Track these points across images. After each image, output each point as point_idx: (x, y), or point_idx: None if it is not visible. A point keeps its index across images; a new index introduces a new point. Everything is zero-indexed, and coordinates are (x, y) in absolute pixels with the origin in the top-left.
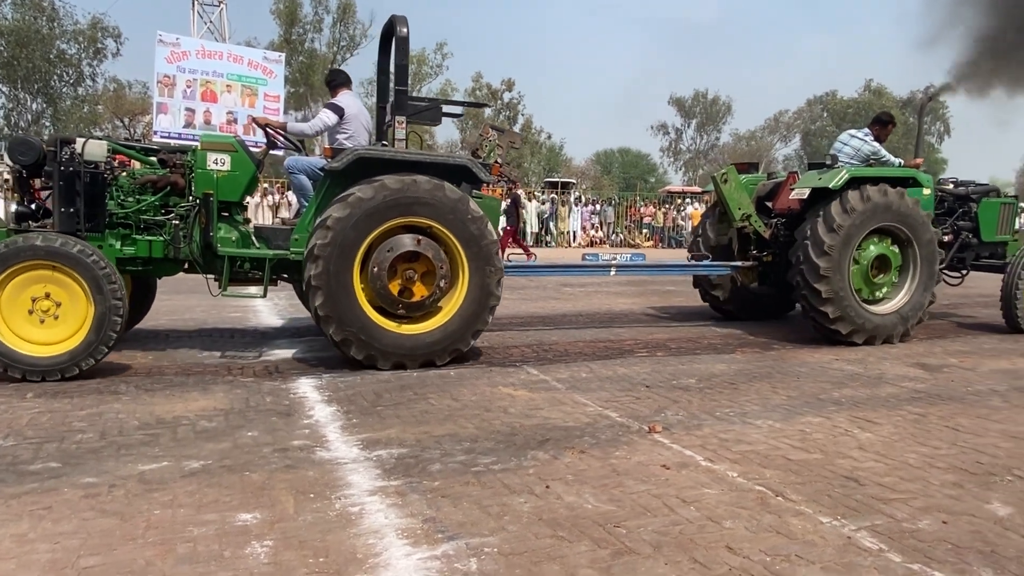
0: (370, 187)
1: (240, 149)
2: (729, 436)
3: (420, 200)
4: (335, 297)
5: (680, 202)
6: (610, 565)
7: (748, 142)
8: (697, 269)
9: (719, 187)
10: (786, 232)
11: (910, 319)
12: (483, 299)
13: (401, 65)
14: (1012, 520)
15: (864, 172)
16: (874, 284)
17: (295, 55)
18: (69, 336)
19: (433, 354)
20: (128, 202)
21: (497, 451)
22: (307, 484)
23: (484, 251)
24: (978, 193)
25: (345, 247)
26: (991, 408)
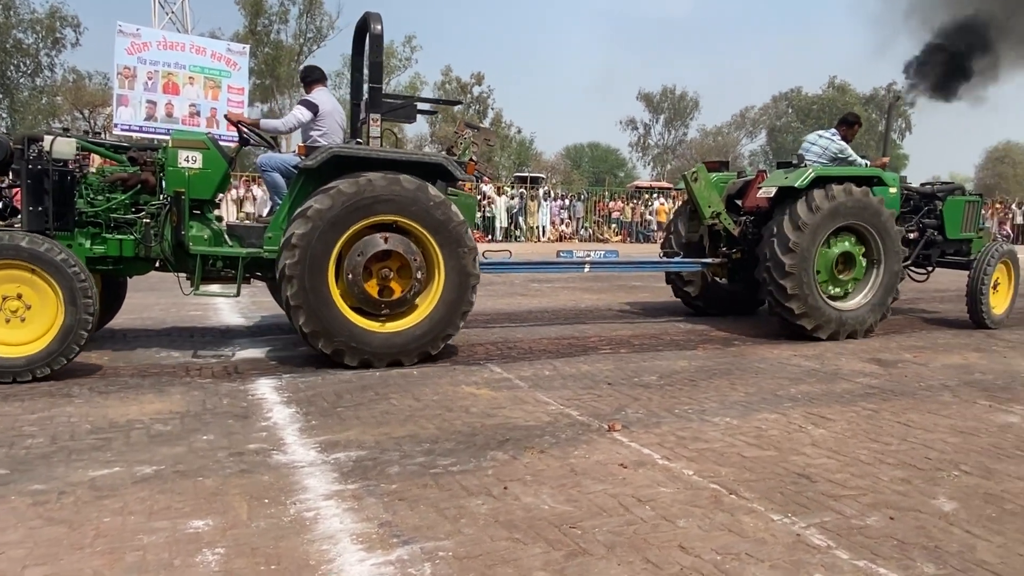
0: (327, 196)
1: (212, 146)
2: (687, 434)
3: (379, 198)
4: (317, 312)
5: (648, 197)
6: (564, 567)
7: (715, 138)
8: (669, 266)
9: (690, 185)
10: (755, 230)
11: (874, 315)
12: (463, 281)
13: (375, 62)
14: (956, 515)
15: (830, 171)
16: (839, 281)
17: (260, 47)
18: (32, 340)
19: (425, 345)
20: (98, 200)
21: (457, 452)
22: (262, 489)
23: (454, 234)
24: (944, 192)
25: (315, 261)
26: (941, 403)
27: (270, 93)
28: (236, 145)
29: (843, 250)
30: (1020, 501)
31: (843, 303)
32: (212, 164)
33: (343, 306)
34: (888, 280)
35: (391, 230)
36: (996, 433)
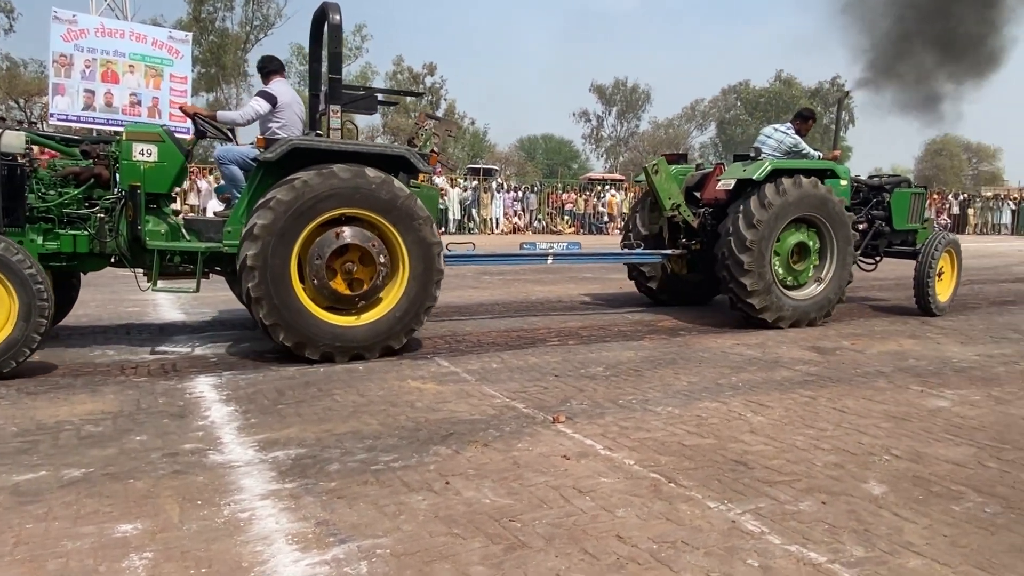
0: (290, 188)
1: (167, 139)
2: (630, 424)
3: (320, 196)
4: (292, 326)
5: (600, 189)
6: (502, 561)
7: (666, 130)
8: (631, 258)
9: (650, 178)
10: (713, 221)
11: (829, 302)
12: (426, 253)
13: (335, 53)
14: (886, 498)
15: (785, 164)
16: (795, 271)
17: (205, 35)
18: None
19: (408, 323)
20: (49, 195)
21: (399, 448)
22: (195, 490)
23: (404, 211)
24: (891, 184)
25: (275, 275)
26: (876, 389)
27: (216, 82)
28: (192, 137)
29: (798, 241)
30: (946, 483)
31: (798, 292)
32: (168, 157)
33: (319, 312)
34: (841, 269)
35: (352, 223)
36: (927, 417)
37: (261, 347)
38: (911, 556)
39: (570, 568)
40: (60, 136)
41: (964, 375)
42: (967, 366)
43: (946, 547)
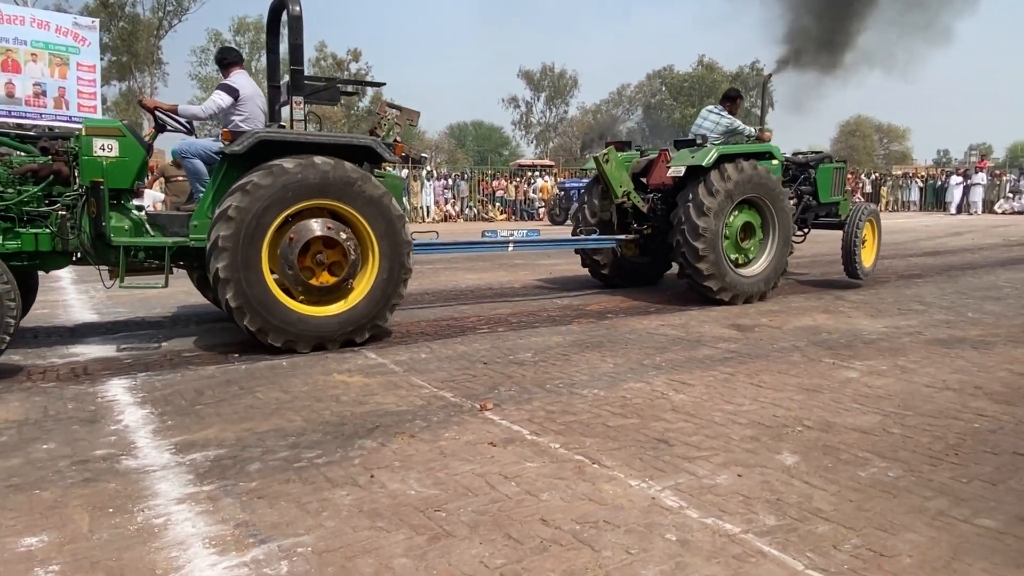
0: (268, 173)
1: (128, 133)
2: (556, 408)
3: (297, 185)
4: (258, 311)
5: (530, 175)
6: (425, 551)
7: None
8: (587, 243)
9: (602, 167)
10: (663, 206)
11: (776, 274)
12: (390, 226)
13: (296, 44)
14: (797, 468)
15: (729, 149)
16: (743, 249)
17: (114, 20)
18: None
19: (389, 300)
20: (8, 193)
21: (323, 443)
22: (107, 498)
23: (374, 202)
24: (815, 160)
25: (246, 258)
26: (791, 363)
27: (128, 71)
28: (151, 132)
29: (744, 221)
30: (853, 451)
31: (747, 269)
32: (129, 152)
33: (273, 285)
34: (782, 244)
35: (321, 214)
36: (837, 388)
37: (180, 346)
38: (820, 522)
39: (494, 554)
40: (15, 133)
41: (873, 346)
42: (876, 338)
43: (852, 511)
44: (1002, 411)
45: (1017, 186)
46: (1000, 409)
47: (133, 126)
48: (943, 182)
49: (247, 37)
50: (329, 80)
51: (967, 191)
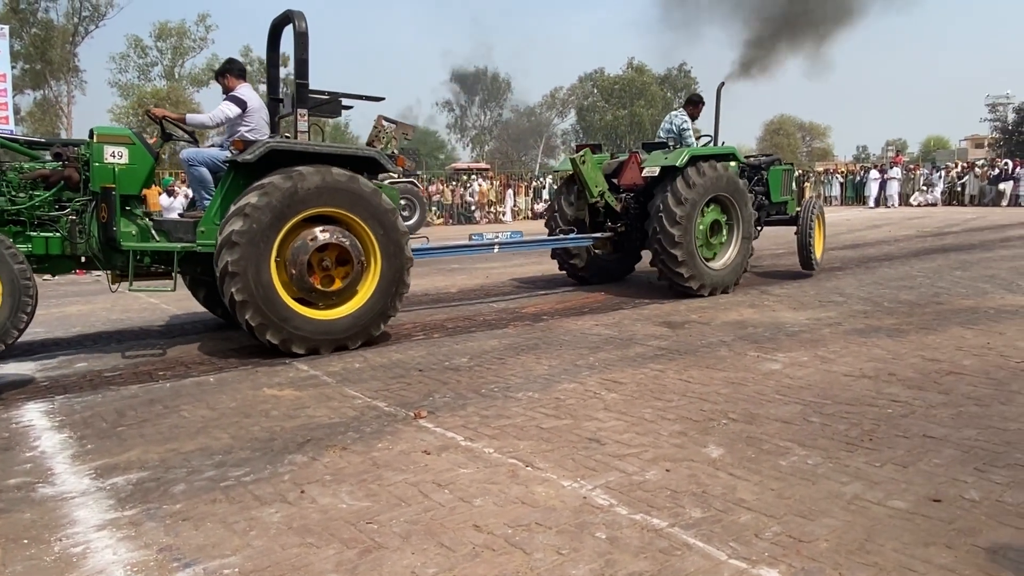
0: (243, 218)
1: (137, 141)
2: (491, 412)
3: (289, 204)
4: (278, 325)
5: (467, 179)
6: (356, 565)
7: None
8: (567, 242)
9: (578, 169)
10: (636, 205)
11: (739, 268)
12: (396, 245)
13: (301, 60)
14: (723, 460)
15: (700, 151)
16: (711, 244)
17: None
18: None
19: (385, 310)
20: (19, 198)
21: (252, 460)
22: (21, 529)
23: (375, 208)
24: (767, 163)
25: (257, 277)
26: (718, 358)
27: (42, 79)
28: (156, 140)
29: (713, 218)
30: (775, 441)
31: (714, 263)
32: (138, 159)
33: (288, 298)
34: (745, 241)
35: (325, 222)
36: (761, 380)
37: (100, 366)
38: (743, 512)
39: (426, 563)
40: (24, 139)
41: (795, 339)
42: (798, 330)
43: (773, 500)
44: (914, 396)
45: (930, 179)
46: (912, 394)
47: (141, 134)
48: (862, 177)
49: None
50: (331, 94)
51: (884, 185)
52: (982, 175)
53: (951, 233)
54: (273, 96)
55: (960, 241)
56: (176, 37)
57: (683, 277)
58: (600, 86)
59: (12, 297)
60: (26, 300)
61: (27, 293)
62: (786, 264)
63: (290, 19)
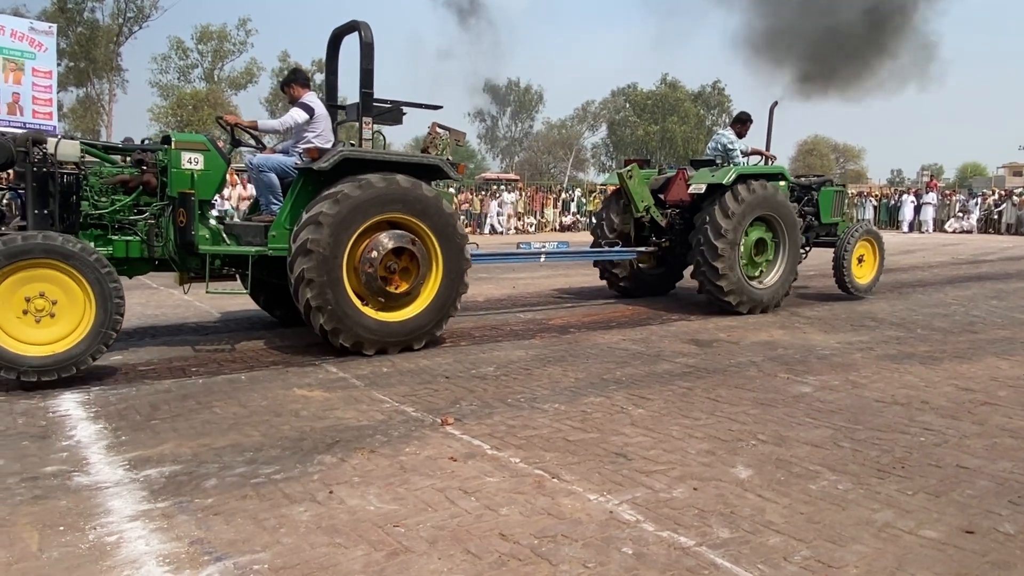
0: (355, 186)
1: (212, 148)
2: (517, 422)
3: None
4: (350, 328)
5: (496, 189)
6: (384, 567)
7: (559, 130)
8: (610, 255)
9: (625, 183)
10: (681, 221)
11: (783, 289)
12: (456, 248)
13: (367, 69)
14: (751, 481)
15: (748, 170)
16: (755, 263)
17: (72, 26)
18: (58, 340)
19: (446, 311)
20: (101, 202)
21: (282, 459)
22: (57, 516)
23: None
24: (817, 184)
25: (331, 282)
26: (747, 378)
27: (86, 77)
28: (225, 145)
29: (759, 237)
30: (805, 464)
31: (757, 283)
32: (212, 165)
33: (358, 302)
34: (791, 261)
35: (390, 227)
36: (791, 403)
37: (135, 359)
38: (771, 534)
39: (452, 569)
40: (102, 144)
41: (826, 362)
42: (829, 353)
43: (803, 524)
44: (947, 425)
45: (966, 206)
46: (945, 423)
47: (215, 141)
48: (896, 201)
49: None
50: (393, 103)
51: (919, 210)
52: (1020, 203)
53: (987, 261)
54: (331, 103)
55: (996, 270)
56: (217, 40)
57: (722, 291)
58: (632, 101)
59: (103, 320)
60: (116, 318)
61: (118, 311)
62: (817, 286)
63: (354, 29)
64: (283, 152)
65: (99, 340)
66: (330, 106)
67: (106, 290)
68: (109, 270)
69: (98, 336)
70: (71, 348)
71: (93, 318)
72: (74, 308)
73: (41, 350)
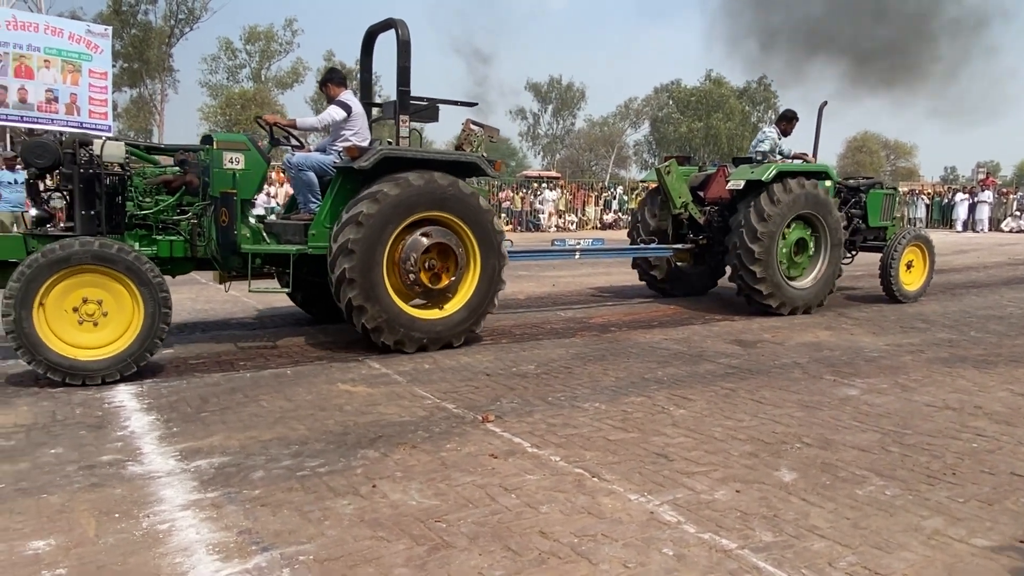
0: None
1: (253, 147)
2: (557, 421)
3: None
4: (392, 326)
5: (537, 187)
6: (425, 562)
7: (601, 128)
8: (647, 251)
9: (663, 179)
10: (719, 219)
11: (824, 290)
12: (493, 245)
13: (403, 67)
14: (795, 485)
15: (788, 167)
16: (795, 263)
17: (126, 28)
18: (114, 340)
19: (484, 308)
20: (146, 203)
21: (326, 453)
22: (113, 503)
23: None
24: (866, 185)
25: (372, 282)
26: (791, 380)
27: (139, 77)
28: (263, 145)
29: (799, 236)
30: (852, 469)
31: (797, 283)
32: (253, 165)
33: (398, 300)
34: (833, 262)
35: (427, 225)
36: (837, 405)
37: (185, 353)
38: (816, 539)
39: (492, 565)
40: (144, 145)
41: (874, 364)
42: (877, 355)
43: (848, 529)
44: (1001, 431)
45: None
46: (999, 429)
47: (256, 141)
48: (949, 199)
49: (257, 46)
50: (429, 100)
51: (973, 209)
52: None
53: None
54: (367, 101)
55: None
56: (264, 40)
57: (762, 294)
58: (676, 97)
59: (154, 318)
60: (163, 327)
61: (165, 320)
62: (865, 287)
63: (390, 26)
64: (320, 151)
65: (143, 348)
66: (366, 104)
67: (156, 296)
68: (159, 278)
69: (143, 344)
70: (117, 353)
71: (143, 322)
72: (122, 314)
73: (89, 354)
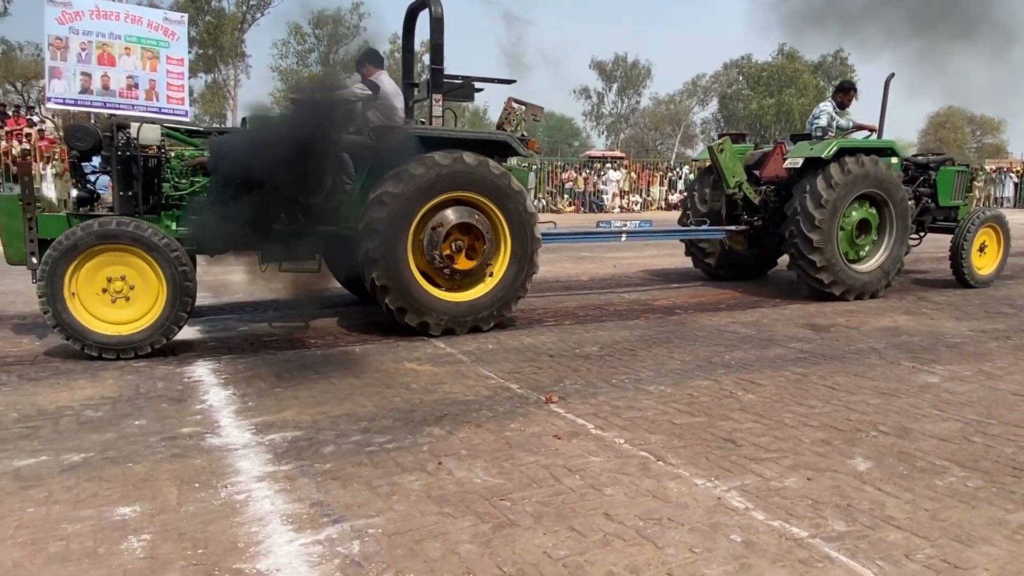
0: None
1: None
2: (622, 403)
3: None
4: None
5: (600, 167)
6: (490, 539)
7: (668, 106)
8: (697, 233)
9: (715, 157)
10: (775, 199)
11: (890, 272)
12: (524, 226)
13: (436, 45)
14: (870, 474)
15: (851, 143)
16: (857, 245)
17: (201, 15)
18: (148, 310)
19: (515, 292)
20: (181, 184)
21: (394, 429)
22: (193, 473)
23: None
24: (936, 162)
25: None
26: (867, 366)
27: (213, 63)
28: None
29: (861, 216)
30: (931, 459)
31: (860, 266)
32: None
33: (424, 282)
34: (900, 239)
35: (455, 205)
36: (916, 393)
37: (259, 331)
38: (891, 530)
39: (557, 545)
40: (184, 127)
41: (956, 350)
42: (960, 341)
43: (926, 521)
44: None
45: None
46: None
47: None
48: None
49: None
50: (464, 78)
51: None
52: None
53: None
54: (408, 81)
55: None
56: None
57: (823, 283)
58: (746, 73)
59: (175, 298)
60: (186, 300)
61: (187, 293)
62: (945, 269)
63: (426, 4)
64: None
65: (171, 321)
66: (407, 84)
67: (176, 272)
68: (179, 254)
69: (160, 328)
70: (155, 320)
71: (166, 298)
72: (147, 285)
73: (132, 327)
